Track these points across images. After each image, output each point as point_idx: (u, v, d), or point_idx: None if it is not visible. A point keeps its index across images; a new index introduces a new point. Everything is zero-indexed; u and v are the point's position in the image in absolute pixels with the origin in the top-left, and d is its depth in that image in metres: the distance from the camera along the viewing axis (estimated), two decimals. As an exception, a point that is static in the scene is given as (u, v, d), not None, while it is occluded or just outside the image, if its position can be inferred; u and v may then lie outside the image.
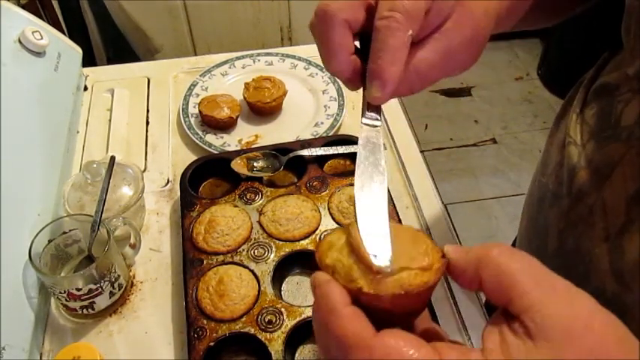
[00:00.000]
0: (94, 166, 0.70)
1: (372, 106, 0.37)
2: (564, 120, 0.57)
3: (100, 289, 0.63)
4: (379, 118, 0.36)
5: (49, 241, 0.65)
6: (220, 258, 0.68)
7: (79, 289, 0.61)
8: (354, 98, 0.97)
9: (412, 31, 0.34)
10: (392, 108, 0.96)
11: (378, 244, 0.31)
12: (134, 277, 0.71)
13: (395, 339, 0.27)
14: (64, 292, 0.61)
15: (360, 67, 0.37)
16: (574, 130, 0.53)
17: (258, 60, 1.04)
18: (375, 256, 0.30)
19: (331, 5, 0.36)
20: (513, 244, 0.73)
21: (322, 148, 0.79)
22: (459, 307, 0.68)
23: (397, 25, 0.33)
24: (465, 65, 0.38)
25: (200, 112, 0.89)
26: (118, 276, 0.66)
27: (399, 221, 0.74)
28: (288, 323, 0.61)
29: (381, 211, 0.32)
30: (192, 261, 0.67)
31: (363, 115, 0.37)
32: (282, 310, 0.62)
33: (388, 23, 0.34)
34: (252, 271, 0.66)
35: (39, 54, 0.80)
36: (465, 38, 0.36)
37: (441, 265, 0.31)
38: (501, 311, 0.29)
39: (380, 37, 0.34)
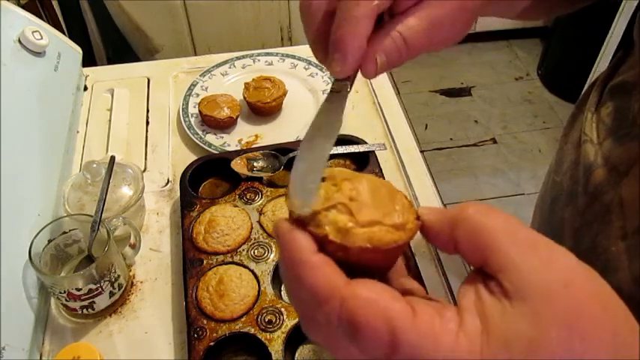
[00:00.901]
0: (94, 166, 0.70)
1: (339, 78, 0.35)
2: (579, 118, 0.57)
3: (100, 289, 0.63)
4: (347, 84, 0.34)
5: (49, 241, 0.65)
6: (220, 258, 0.68)
7: (79, 289, 0.61)
8: (354, 98, 0.97)
9: (379, 2, 0.32)
10: (392, 108, 0.96)
11: (305, 191, 0.29)
12: (134, 277, 0.71)
13: (368, 290, 0.26)
14: (64, 292, 0.61)
15: None
16: (590, 128, 0.53)
17: (258, 60, 1.04)
18: (301, 201, 0.29)
19: None
20: None
21: (322, 148, 0.79)
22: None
23: None
24: (453, 37, 0.36)
25: (200, 112, 0.89)
26: (118, 276, 0.66)
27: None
28: (288, 323, 0.61)
29: (318, 161, 0.31)
30: (192, 261, 0.67)
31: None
32: (282, 310, 0.62)
33: None
34: (252, 271, 0.66)
35: (39, 54, 0.80)
36: (451, 8, 0.34)
37: (415, 227, 0.30)
38: (477, 270, 0.27)
39: (344, 7, 0.32)
